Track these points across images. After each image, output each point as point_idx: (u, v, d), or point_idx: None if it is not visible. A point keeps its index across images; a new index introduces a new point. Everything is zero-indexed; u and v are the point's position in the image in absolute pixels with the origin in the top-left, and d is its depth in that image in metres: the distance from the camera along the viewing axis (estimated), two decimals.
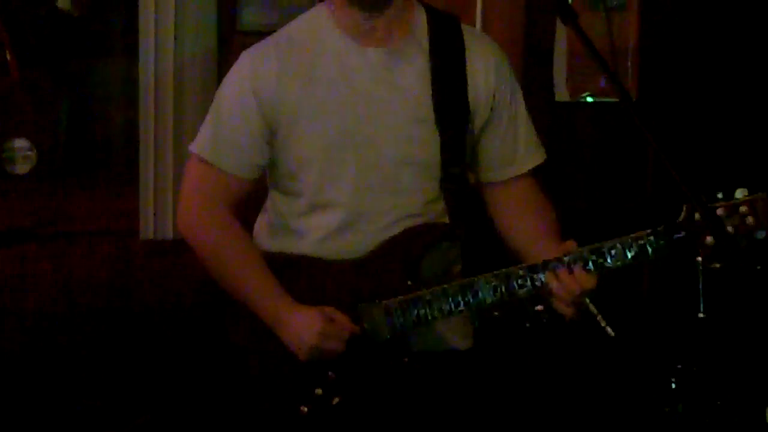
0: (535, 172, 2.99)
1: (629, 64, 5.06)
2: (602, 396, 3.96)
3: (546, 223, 2.95)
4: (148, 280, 4.74)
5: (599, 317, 3.73)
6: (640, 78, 5.07)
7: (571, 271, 2.70)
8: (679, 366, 3.66)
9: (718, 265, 2.65)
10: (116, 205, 4.85)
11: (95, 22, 5.17)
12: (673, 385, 3.63)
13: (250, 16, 4.68)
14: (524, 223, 2.96)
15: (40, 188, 4.70)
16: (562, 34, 4.94)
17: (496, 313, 3.78)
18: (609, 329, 3.73)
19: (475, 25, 4.80)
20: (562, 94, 5.01)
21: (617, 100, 2.62)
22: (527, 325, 3.90)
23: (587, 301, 3.36)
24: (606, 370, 3.95)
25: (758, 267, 2.60)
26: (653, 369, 3.76)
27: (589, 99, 5.00)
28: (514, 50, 4.90)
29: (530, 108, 4.35)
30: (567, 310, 2.77)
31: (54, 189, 4.78)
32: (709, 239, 2.61)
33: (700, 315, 3.49)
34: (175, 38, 4.58)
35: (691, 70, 5.06)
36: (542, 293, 2.76)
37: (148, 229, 4.71)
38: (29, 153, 4.47)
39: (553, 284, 2.73)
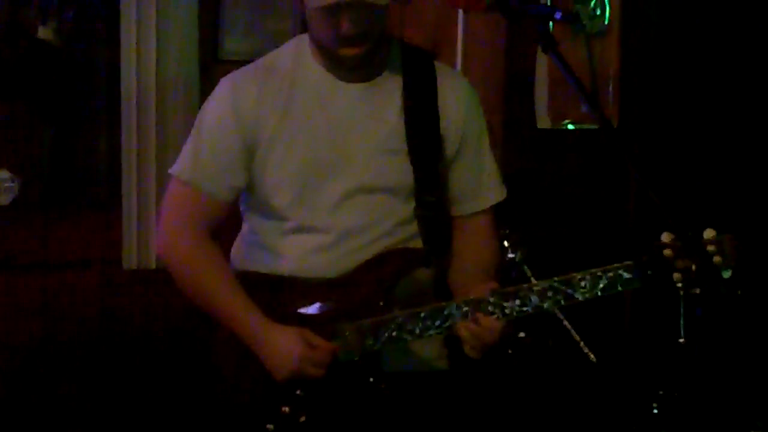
0: (493, 210, 3.10)
1: (610, 90, 5.07)
2: (584, 422, 3.96)
3: (486, 266, 3.05)
4: (131, 309, 4.72)
5: (581, 343, 3.74)
6: (621, 104, 5.08)
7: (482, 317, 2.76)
8: (661, 391, 3.66)
9: (698, 291, 2.66)
10: (99, 235, 4.81)
11: (77, 52, 5.15)
12: (655, 411, 3.63)
13: (231, 45, 4.69)
14: (466, 260, 3.06)
15: (22, 219, 4.67)
16: (543, 61, 4.95)
17: None
18: (591, 355, 3.74)
19: (456, 54, 4.81)
20: (543, 121, 5.02)
21: (598, 126, 2.65)
22: (510, 351, 3.90)
23: (569, 327, 3.38)
24: (588, 395, 3.96)
25: (738, 292, 2.60)
26: (635, 394, 3.76)
27: (570, 126, 5.01)
28: (496, 78, 4.91)
29: (512, 135, 4.40)
30: (474, 354, 2.82)
31: (36, 219, 4.75)
32: (683, 266, 2.65)
33: (681, 340, 3.50)
34: (157, 67, 4.58)
35: (673, 97, 5.08)
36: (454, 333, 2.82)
37: (131, 259, 4.70)
38: (11, 184, 4.45)
39: (463, 333, 2.79)
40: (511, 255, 3.86)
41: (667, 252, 2.67)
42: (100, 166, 5.25)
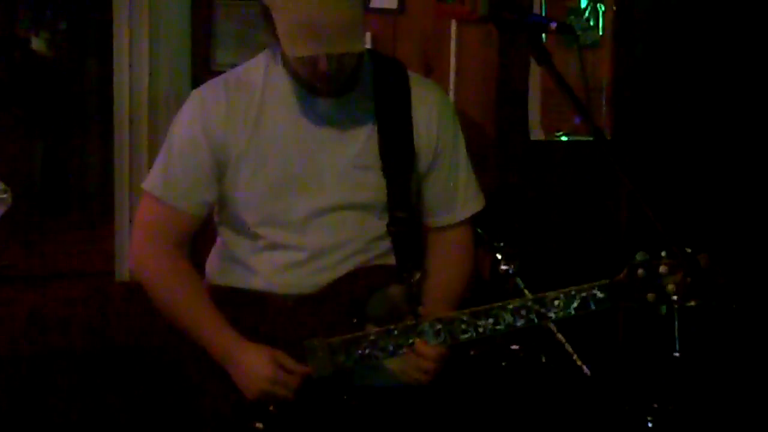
0: (471, 220, 3.11)
1: (603, 101, 5.06)
2: None
3: (454, 281, 3.06)
4: (123, 321, 4.71)
5: (575, 356, 3.73)
6: (615, 116, 5.08)
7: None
8: (656, 405, 3.66)
9: (693, 303, 2.65)
10: (92, 246, 4.82)
11: (70, 63, 5.16)
12: (650, 424, 3.62)
13: (223, 57, 4.67)
14: (443, 274, 3.06)
15: (15, 230, 4.67)
16: (536, 73, 4.95)
17: (472, 352, 3.78)
18: (585, 368, 3.74)
19: (449, 67, 4.81)
20: (536, 133, 5.01)
21: (592, 138, 2.64)
22: (503, 363, 3.89)
23: (562, 340, 3.36)
24: (582, 409, 3.95)
25: (733, 305, 2.60)
26: (629, 408, 3.76)
27: (564, 138, 5.01)
28: (489, 90, 4.90)
29: (505, 147, 4.38)
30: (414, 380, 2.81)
31: (29, 231, 4.75)
32: (675, 283, 2.64)
33: (676, 354, 3.50)
34: (150, 78, 4.57)
35: (666, 108, 5.08)
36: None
37: (123, 271, 4.69)
38: (4, 195, 4.43)
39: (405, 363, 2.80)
40: (504, 267, 3.85)
41: (640, 272, 2.66)
42: (92, 177, 5.25)
